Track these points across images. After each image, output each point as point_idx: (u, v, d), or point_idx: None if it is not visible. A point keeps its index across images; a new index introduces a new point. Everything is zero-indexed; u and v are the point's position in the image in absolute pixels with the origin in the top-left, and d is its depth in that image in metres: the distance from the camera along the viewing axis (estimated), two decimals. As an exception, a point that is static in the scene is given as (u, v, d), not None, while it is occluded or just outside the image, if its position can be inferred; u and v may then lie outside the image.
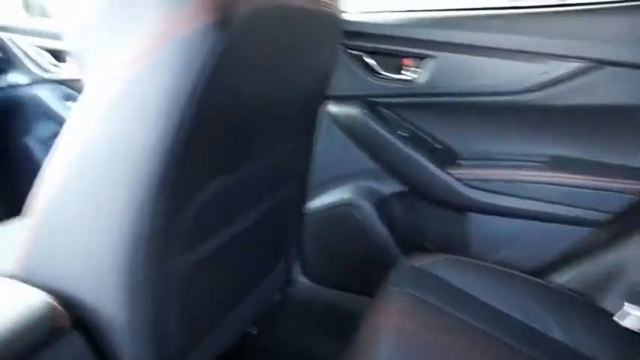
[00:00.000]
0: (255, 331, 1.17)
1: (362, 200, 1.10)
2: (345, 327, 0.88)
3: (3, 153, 1.51)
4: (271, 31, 0.57)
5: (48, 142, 1.48)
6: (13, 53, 1.40)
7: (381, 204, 1.11)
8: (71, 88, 1.42)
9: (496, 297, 0.78)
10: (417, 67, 0.99)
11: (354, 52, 1.03)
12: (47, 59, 1.38)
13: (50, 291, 0.56)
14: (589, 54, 0.87)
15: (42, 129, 1.45)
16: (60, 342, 0.53)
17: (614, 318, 0.76)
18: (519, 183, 0.98)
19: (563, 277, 0.95)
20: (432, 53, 0.96)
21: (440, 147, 1.07)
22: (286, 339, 1.22)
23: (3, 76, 1.41)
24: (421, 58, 0.98)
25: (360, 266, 1.17)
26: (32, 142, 1.46)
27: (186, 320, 0.69)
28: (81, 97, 0.51)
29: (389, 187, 1.09)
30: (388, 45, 1.00)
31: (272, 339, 1.21)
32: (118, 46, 0.47)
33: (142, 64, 0.45)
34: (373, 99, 1.05)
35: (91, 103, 0.50)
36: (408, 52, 0.99)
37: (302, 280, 1.24)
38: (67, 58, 1.35)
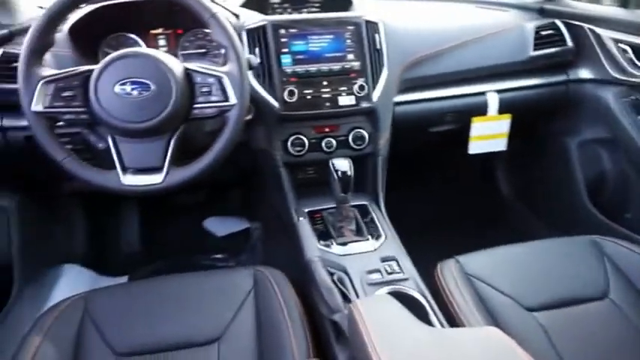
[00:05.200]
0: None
1: None
2: None
3: (537, 149, 1.50)
4: None
5: (587, 147, 1.34)
6: (589, 45, 1.29)
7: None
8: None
9: None
10: None
11: None
12: (628, 57, 1.19)
13: None
14: None
15: (587, 132, 1.32)
16: None
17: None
18: None
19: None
20: None
21: None
22: None
23: (570, 69, 1.33)
24: None
25: None
26: (571, 144, 1.36)
27: None
28: None
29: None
30: None
31: None
32: None
33: None
34: None
35: None
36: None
37: None
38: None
